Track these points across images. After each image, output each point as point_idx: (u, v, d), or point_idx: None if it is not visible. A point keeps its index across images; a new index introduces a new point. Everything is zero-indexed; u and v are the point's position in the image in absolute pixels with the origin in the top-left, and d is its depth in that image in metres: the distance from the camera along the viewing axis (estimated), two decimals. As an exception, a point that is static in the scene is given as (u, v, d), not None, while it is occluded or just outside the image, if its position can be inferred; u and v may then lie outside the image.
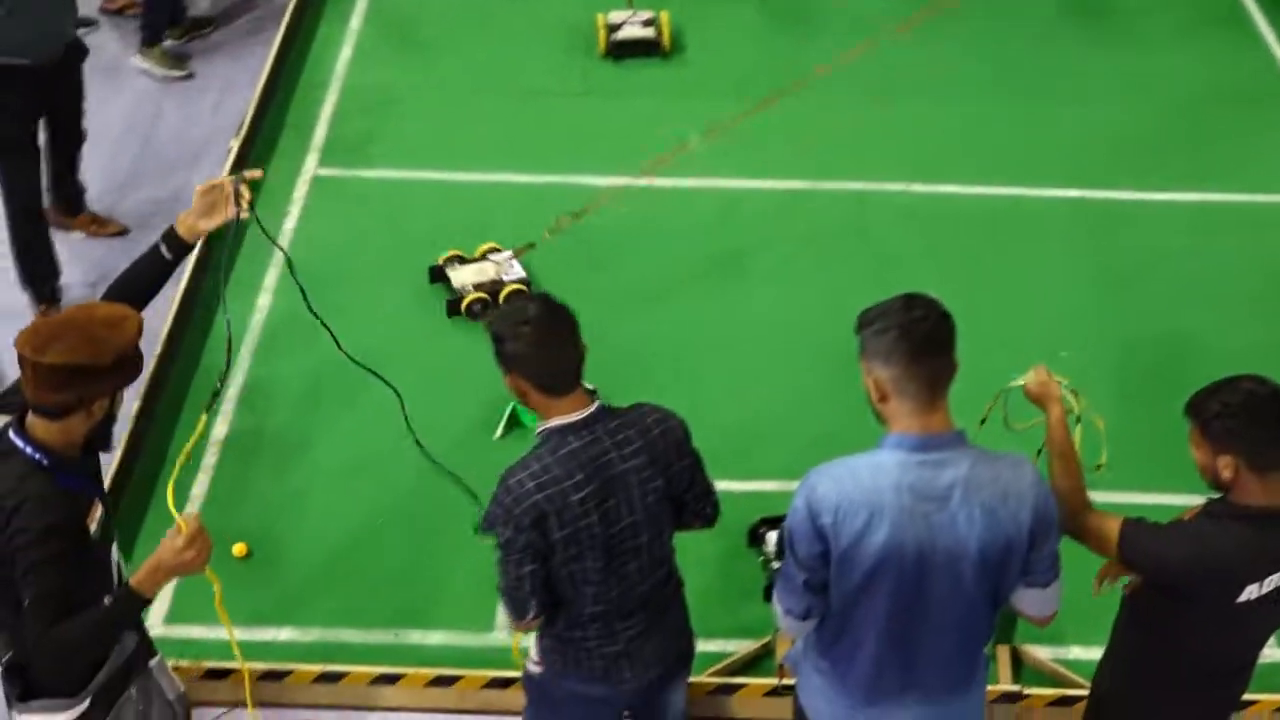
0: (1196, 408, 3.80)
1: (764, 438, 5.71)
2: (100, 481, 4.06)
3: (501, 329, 3.80)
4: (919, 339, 3.48)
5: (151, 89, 8.25)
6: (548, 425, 3.83)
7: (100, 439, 3.88)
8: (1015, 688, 4.77)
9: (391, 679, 4.81)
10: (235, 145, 6.93)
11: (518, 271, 6.23)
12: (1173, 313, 6.29)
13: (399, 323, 6.18)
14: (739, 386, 5.93)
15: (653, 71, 7.59)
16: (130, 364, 3.76)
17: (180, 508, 5.36)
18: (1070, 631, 4.94)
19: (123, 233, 6.97)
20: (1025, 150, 7.15)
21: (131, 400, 5.74)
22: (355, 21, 7.96)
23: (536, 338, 3.76)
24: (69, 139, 6.74)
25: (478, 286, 6.16)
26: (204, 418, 4.38)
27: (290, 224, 6.68)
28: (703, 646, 4.90)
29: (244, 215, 4.20)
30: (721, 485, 5.36)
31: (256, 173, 4.35)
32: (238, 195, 4.17)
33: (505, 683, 4.79)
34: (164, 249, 4.17)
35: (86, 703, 3.98)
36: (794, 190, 6.85)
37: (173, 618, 5.11)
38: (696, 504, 4.09)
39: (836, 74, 7.46)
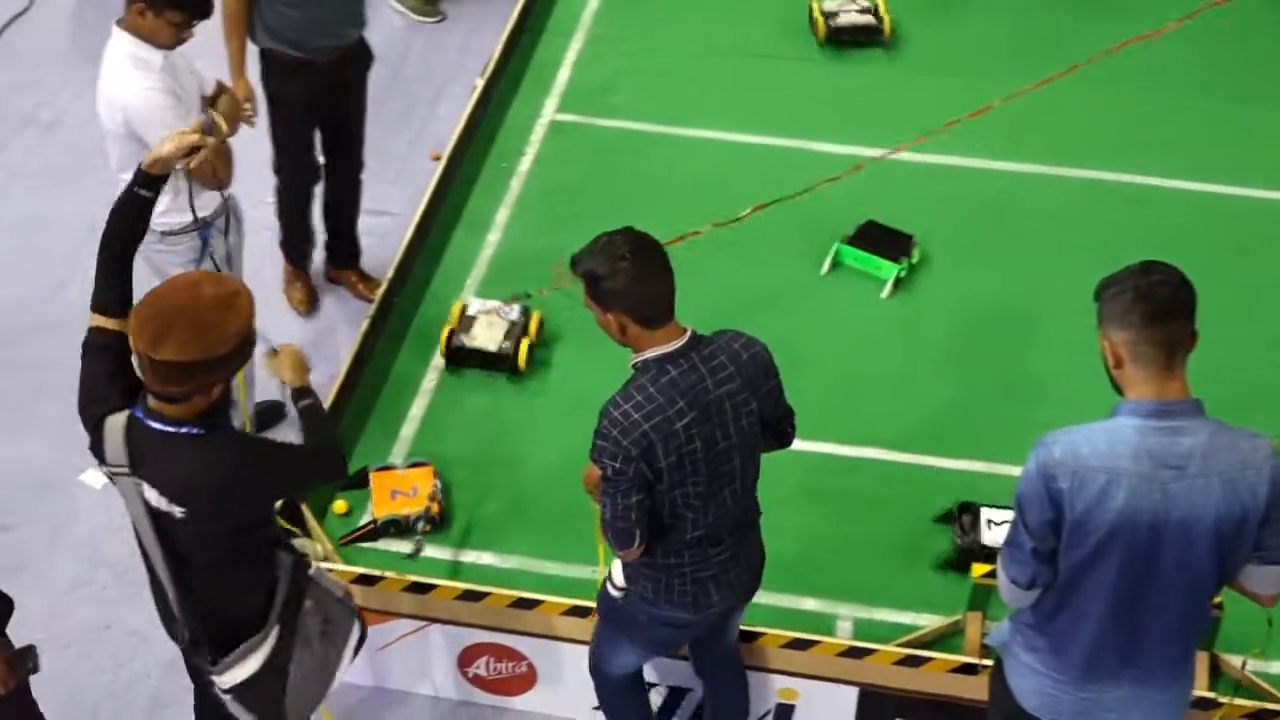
0: None
1: (970, 419, 5.67)
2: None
3: (598, 267, 3.84)
4: (1156, 302, 3.46)
5: (403, 26, 8.50)
6: (644, 356, 3.90)
7: (220, 412, 3.87)
8: (1211, 694, 4.67)
9: (584, 612, 4.91)
10: (480, 84, 7.08)
11: (515, 308, 5.87)
12: None
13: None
14: (952, 366, 5.89)
15: (880, 47, 7.53)
16: (246, 346, 3.75)
17: (399, 424, 5.59)
18: (1272, 644, 4.81)
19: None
20: (1271, 152, 6.92)
21: (361, 321, 5.95)
22: (605, -28, 8.06)
23: (636, 272, 3.81)
24: (343, 155, 6.56)
25: (509, 335, 5.78)
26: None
27: (525, 165, 6.81)
28: (893, 617, 5.01)
29: (193, 165, 4.21)
30: (928, 461, 5.47)
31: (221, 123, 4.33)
32: (198, 148, 4.12)
33: (694, 629, 4.85)
34: (140, 190, 4.09)
35: (275, 630, 4.08)
36: (1021, 174, 6.75)
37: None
38: (779, 425, 4.17)
39: (1065, 61, 7.33)
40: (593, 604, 4.90)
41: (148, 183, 4.09)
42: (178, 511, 3.76)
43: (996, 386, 5.80)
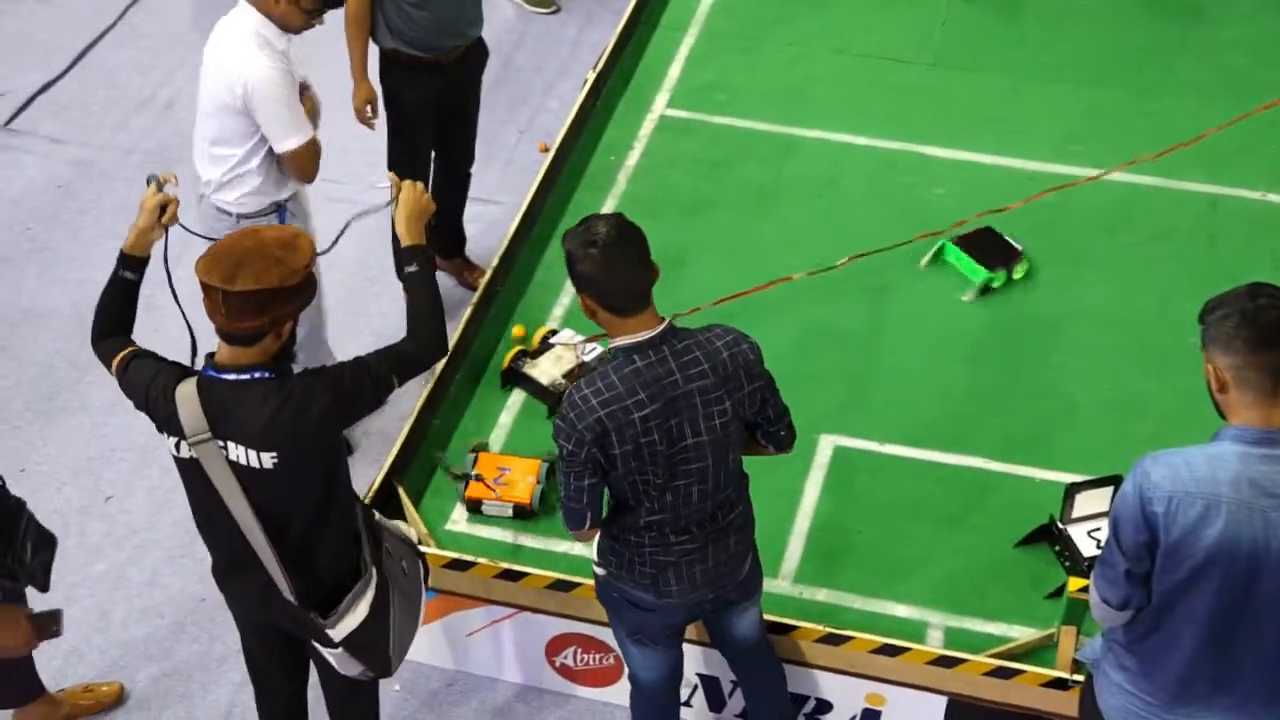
0: None
1: (1076, 430, 5.58)
2: None
3: (573, 249, 3.87)
4: (1263, 326, 3.38)
5: (516, 17, 8.54)
6: (616, 343, 3.91)
7: (287, 358, 4.00)
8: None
9: (673, 608, 4.90)
10: (591, 77, 7.10)
11: (595, 350, 5.69)
12: None
13: (713, 276, 6.23)
14: (1055, 376, 5.81)
15: (1004, 50, 7.43)
16: (312, 282, 3.89)
17: (497, 413, 5.62)
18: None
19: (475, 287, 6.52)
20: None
21: (463, 309, 5.98)
22: (723, -32, 8.04)
23: (605, 259, 3.81)
24: (456, 150, 6.61)
25: (568, 376, 5.60)
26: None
27: (633, 160, 6.80)
28: (985, 628, 4.96)
29: (167, 222, 4.21)
30: (1027, 471, 5.41)
31: (169, 175, 4.33)
32: (163, 209, 4.20)
33: (784, 628, 4.84)
34: (126, 273, 4.18)
35: (374, 573, 4.18)
36: (1142, 185, 6.62)
37: (475, 518, 5.30)
38: (769, 426, 4.12)
39: (1197, 70, 7.23)
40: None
41: (132, 265, 4.18)
42: (267, 460, 3.84)
43: (1099, 399, 5.71)
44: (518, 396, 5.71)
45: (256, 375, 3.83)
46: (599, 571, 4.37)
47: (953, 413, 5.64)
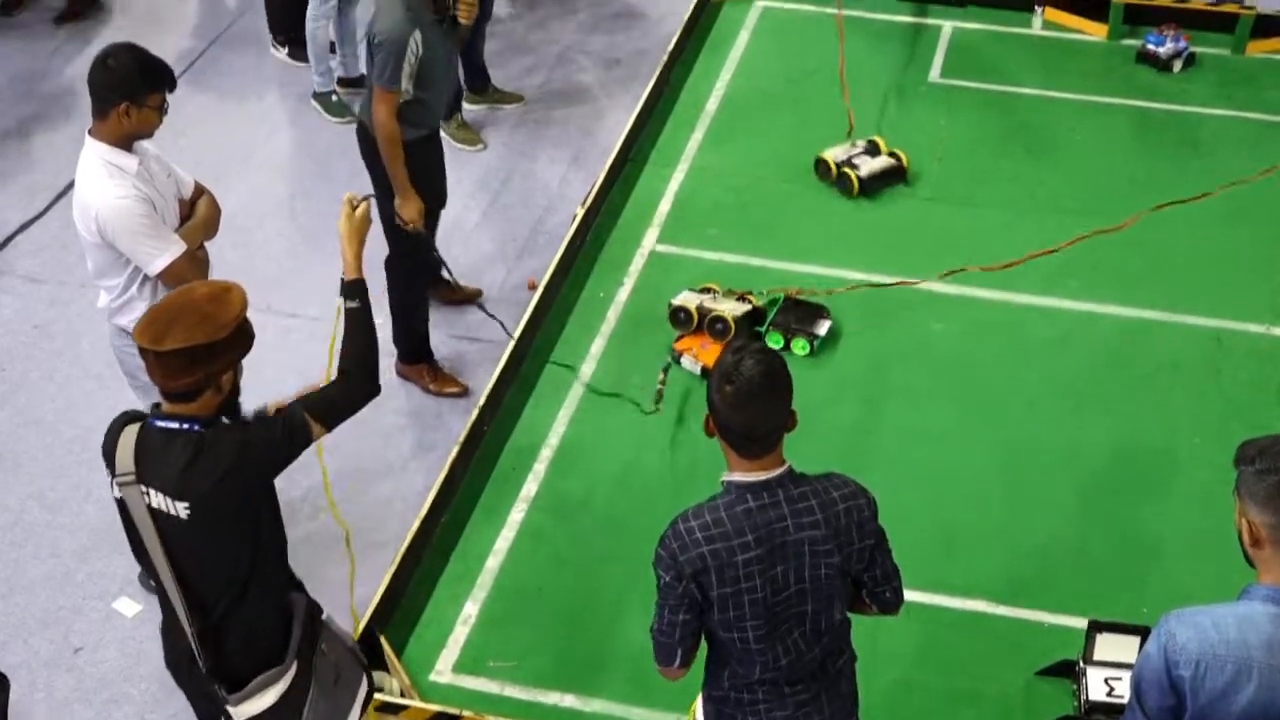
0: None
1: (1085, 572, 5.41)
2: None
3: (713, 375, 3.71)
4: None
5: (505, 154, 8.46)
6: (731, 477, 3.73)
7: (231, 412, 4.01)
8: None
9: (669, 764, 4.70)
10: (579, 213, 7.02)
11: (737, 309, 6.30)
12: None
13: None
14: (1060, 516, 5.64)
15: (1000, 185, 7.38)
16: (245, 333, 3.93)
17: (483, 558, 5.44)
18: None
19: (461, 394, 6.54)
20: None
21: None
22: (711, 105, 8.00)
23: (736, 400, 3.64)
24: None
25: (699, 307, 6.34)
26: None
27: (624, 294, 6.72)
28: (997, 779, 4.72)
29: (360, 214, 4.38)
30: (1030, 615, 5.22)
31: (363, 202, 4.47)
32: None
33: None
34: (344, 302, 4.25)
35: (294, 666, 4.10)
36: (1144, 319, 6.52)
37: (460, 668, 5.10)
38: (874, 586, 3.91)
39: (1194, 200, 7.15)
40: (678, 755, 4.71)
41: (357, 290, 4.26)
42: (181, 509, 3.85)
43: (1107, 540, 5.55)
44: (504, 540, 5.54)
45: (185, 426, 3.87)
46: None
47: (957, 555, 5.47)
